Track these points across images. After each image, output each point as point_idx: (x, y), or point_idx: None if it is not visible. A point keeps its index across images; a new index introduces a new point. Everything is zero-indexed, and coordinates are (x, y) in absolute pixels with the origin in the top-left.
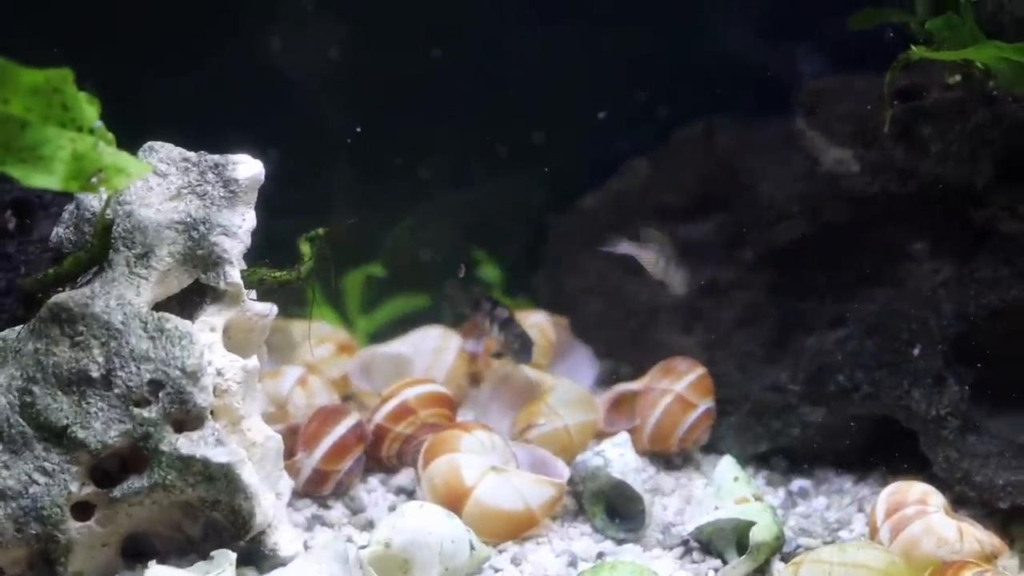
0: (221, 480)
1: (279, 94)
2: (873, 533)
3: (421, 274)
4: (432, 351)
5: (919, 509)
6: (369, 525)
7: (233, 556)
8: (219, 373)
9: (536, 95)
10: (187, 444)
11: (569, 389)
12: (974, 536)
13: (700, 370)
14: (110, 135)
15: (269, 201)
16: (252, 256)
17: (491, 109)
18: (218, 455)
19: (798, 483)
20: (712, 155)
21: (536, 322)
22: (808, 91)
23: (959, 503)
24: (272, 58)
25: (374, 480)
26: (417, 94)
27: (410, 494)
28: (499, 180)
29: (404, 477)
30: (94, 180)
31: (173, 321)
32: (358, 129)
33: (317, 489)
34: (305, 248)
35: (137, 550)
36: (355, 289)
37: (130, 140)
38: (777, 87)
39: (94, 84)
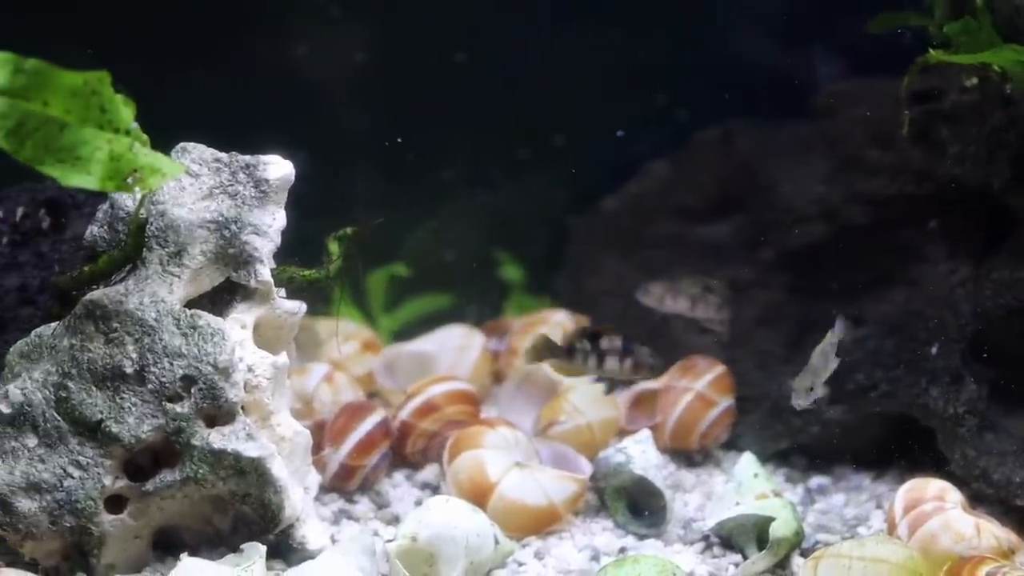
0: (251, 474)
1: (307, 97)
2: (891, 529)
3: (444, 274)
4: (456, 349)
5: (937, 505)
6: (395, 520)
7: (263, 549)
8: (250, 369)
9: (557, 98)
10: (218, 438)
11: (591, 388)
12: (992, 532)
13: (720, 368)
14: (145, 136)
15: (298, 201)
16: (282, 255)
17: (513, 112)
18: (249, 449)
19: (817, 480)
20: (731, 158)
21: (558, 321)
22: (826, 94)
23: (977, 501)
24: (300, 62)
25: (399, 476)
26: (441, 97)
27: (435, 489)
28: (521, 182)
29: (429, 473)
30: (129, 180)
31: (205, 318)
32: (398, 140)
33: (344, 484)
34: (333, 247)
35: (168, 543)
36: (379, 288)
37: (163, 142)
38: (795, 90)
39: (128, 87)
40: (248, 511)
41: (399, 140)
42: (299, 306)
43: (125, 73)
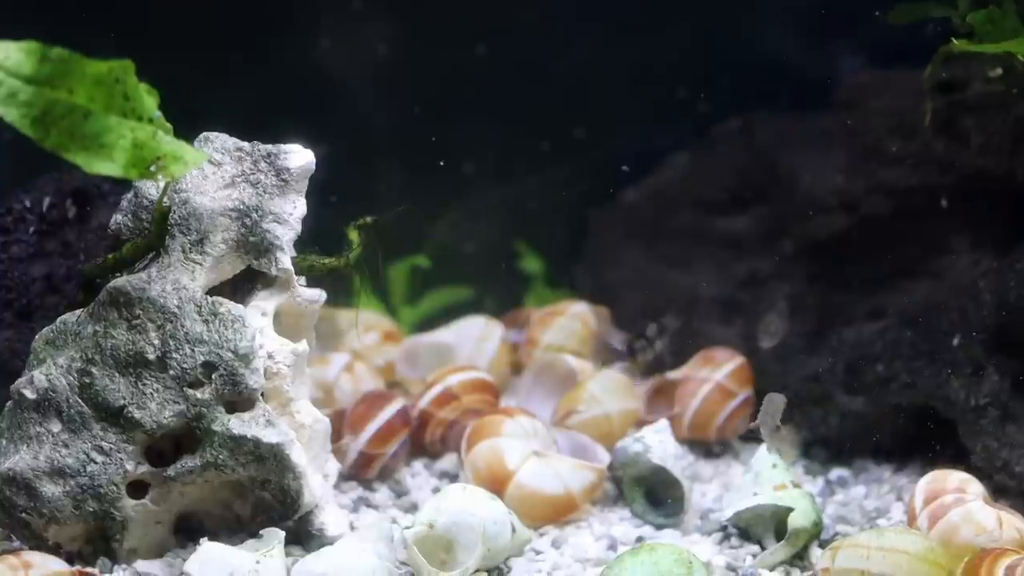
0: (271, 460)
1: (331, 89)
2: (911, 521)
3: (465, 266)
4: (475, 340)
5: (957, 497)
6: (413, 507)
7: (282, 534)
8: (270, 356)
9: (579, 91)
10: (239, 425)
11: (610, 377)
12: (1013, 525)
13: (739, 359)
14: (168, 125)
15: (321, 191)
16: (304, 244)
17: (534, 105)
18: (268, 435)
19: (836, 472)
20: (751, 149)
21: (578, 312)
22: (848, 86)
23: (998, 493)
24: (323, 53)
25: (418, 464)
26: (463, 90)
27: (453, 478)
28: (542, 174)
29: (447, 462)
30: (153, 168)
31: (226, 305)
32: (422, 132)
33: (363, 472)
34: (353, 235)
35: (189, 528)
36: (401, 279)
37: (188, 131)
38: (816, 82)
39: (154, 79)
40: (268, 497)
41: (422, 133)
42: (319, 294)
43: (150, 64)
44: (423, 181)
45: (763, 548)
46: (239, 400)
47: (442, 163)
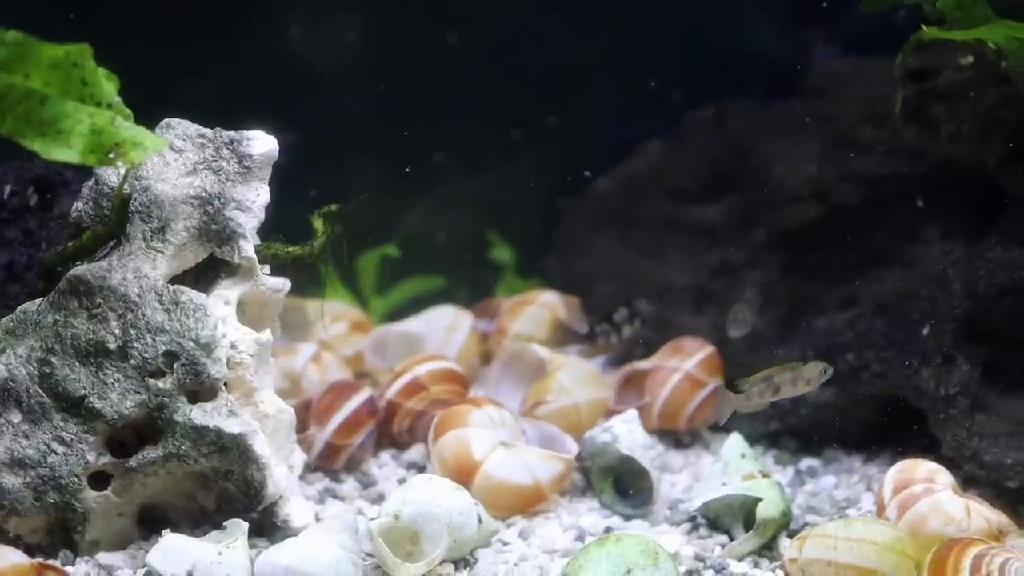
0: (234, 450)
1: (299, 77)
2: (880, 511)
3: (436, 255)
4: (445, 329)
5: (926, 487)
6: (380, 499)
7: (245, 526)
8: (233, 346)
9: (549, 80)
10: (201, 415)
11: (579, 367)
12: (982, 514)
13: (709, 349)
14: (128, 111)
15: (288, 180)
16: (268, 232)
17: (505, 93)
18: (231, 426)
19: (807, 462)
20: (723, 138)
21: (548, 301)
22: (820, 74)
23: (968, 483)
24: (291, 41)
25: (385, 455)
26: (433, 79)
27: (421, 469)
28: (513, 163)
29: (415, 452)
30: (111, 154)
31: (188, 294)
32: (392, 122)
33: (329, 463)
34: (318, 224)
35: (153, 520)
36: (370, 269)
37: (153, 119)
38: (788, 70)
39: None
40: (232, 488)
41: (392, 122)
42: (283, 283)
43: (113, 50)
44: (393, 170)
45: (732, 538)
46: (201, 390)
47: (413, 152)
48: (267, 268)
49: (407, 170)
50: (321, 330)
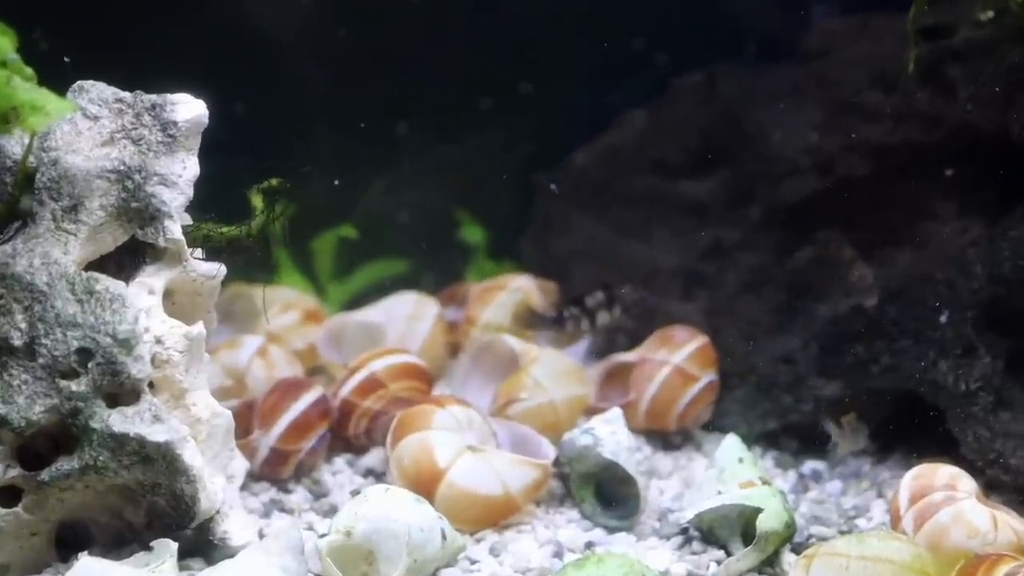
0: (159, 461)
1: (237, 33)
2: (895, 522)
3: (400, 237)
4: (407, 319)
5: (948, 495)
6: (333, 510)
7: (174, 547)
8: (158, 341)
9: (524, 42)
10: (120, 421)
11: (556, 360)
12: (1009, 526)
13: (701, 339)
14: (29, 70)
15: (231, 155)
16: (200, 211)
17: (475, 57)
18: (155, 433)
19: (810, 465)
20: (714, 105)
21: (521, 287)
22: (820, 33)
23: (991, 488)
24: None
25: (340, 461)
26: (396, 41)
27: (379, 476)
28: (483, 134)
29: (373, 457)
30: (8, 120)
31: (104, 282)
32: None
33: (276, 471)
34: (257, 201)
35: (72, 539)
36: (326, 252)
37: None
38: (785, 29)
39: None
40: (162, 503)
41: (349, 88)
42: (217, 268)
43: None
44: (351, 142)
45: (728, 553)
46: (121, 392)
47: (372, 120)
48: (199, 252)
49: (368, 124)
50: (264, 320)
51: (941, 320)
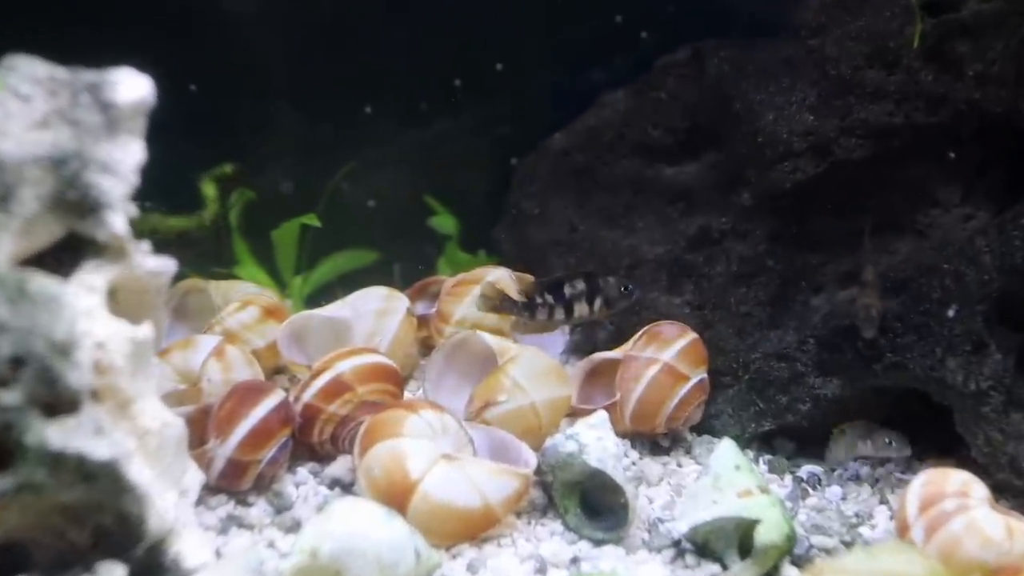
0: (102, 479)
1: (199, 9)
2: (903, 531)
3: (367, 226)
4: (374, 315)
5: (960, 503)
6: (296, 526)
7: (120, 571)
8: (100, 346)
9: (498, 17)
10: (58, 435)
11: (536, 359)
12: None
13: (691, 336)
14: None
15: (190, 141)
16: (147, 201)
17: (446, 37)
18: (97, 448)
19: (808, 469)
20: (702, 83)
21: (496, 278)
22: (815, 6)
23: (1000, 492)
24: None
25: (303, 471)
26: (363, 20)
27: (347, 487)
28: (456, 117)
29: (340, 467)
30: None
31: (39, 281)
32: (326, 74)
33: (234, 483)
34: (210, 190)
35: (13, 561)
36: (288, 244)
37: None
38: (777, 2)
39: None
40: (108, 522)
41: (313, 67)
42: (167, 264)
43: None
44: (314, 124)
45: (725, 567)
46: (58, 403)
47: (337, 102)
48: (146, 246)
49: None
50: (226, 317)
51: (948, 314)
